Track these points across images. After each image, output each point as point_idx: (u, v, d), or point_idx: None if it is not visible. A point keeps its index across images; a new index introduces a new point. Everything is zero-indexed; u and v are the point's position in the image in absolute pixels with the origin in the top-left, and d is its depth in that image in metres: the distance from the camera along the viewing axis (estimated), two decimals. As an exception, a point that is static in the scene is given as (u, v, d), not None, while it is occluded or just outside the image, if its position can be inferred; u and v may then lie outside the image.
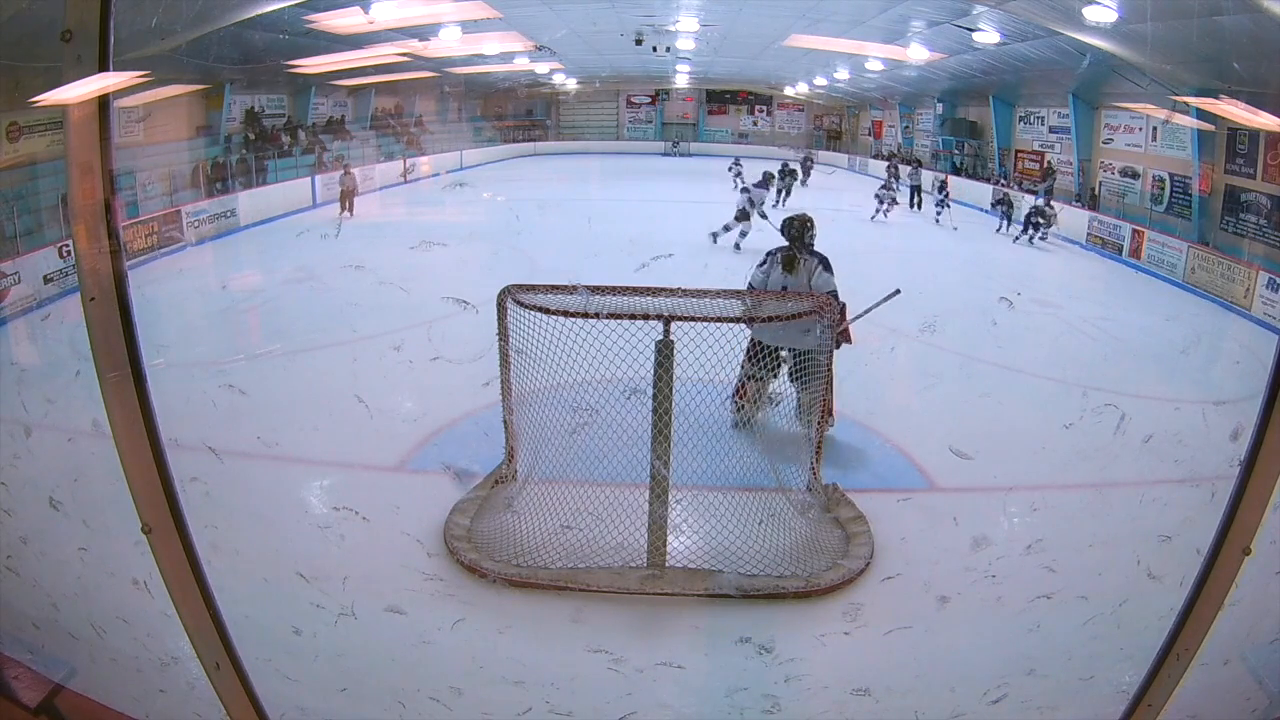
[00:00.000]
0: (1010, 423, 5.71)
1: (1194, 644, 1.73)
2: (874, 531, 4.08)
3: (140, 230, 10.53)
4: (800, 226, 5.10)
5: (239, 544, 3.46)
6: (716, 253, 10.61)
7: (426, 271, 8.56)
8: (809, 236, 5.12)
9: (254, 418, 5.14)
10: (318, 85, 16.18)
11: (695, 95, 23.79)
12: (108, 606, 2.98)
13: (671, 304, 3.89)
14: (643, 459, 3.71)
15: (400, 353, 6.07)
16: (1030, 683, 3.06)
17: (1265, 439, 1.59)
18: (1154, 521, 4.19)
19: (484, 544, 3.90)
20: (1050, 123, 15.91)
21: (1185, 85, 11.36)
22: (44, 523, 3.74)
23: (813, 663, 3.24)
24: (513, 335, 4.05)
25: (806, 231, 5.10)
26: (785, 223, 5.17)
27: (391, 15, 12.07)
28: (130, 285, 1.51)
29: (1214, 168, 11.85)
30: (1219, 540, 1.66)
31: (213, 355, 6.65)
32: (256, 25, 11.33)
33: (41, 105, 8.45)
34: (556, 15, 13.79)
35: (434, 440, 5.08)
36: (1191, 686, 1.81)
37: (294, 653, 3.00)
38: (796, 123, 23.63)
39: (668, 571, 3.72)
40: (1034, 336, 7.95)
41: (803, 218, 5.15)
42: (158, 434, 1.57)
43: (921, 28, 13.13)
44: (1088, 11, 9.78)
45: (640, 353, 3.70)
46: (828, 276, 5.00)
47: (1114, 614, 3.31)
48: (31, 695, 1.90)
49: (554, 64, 20.06)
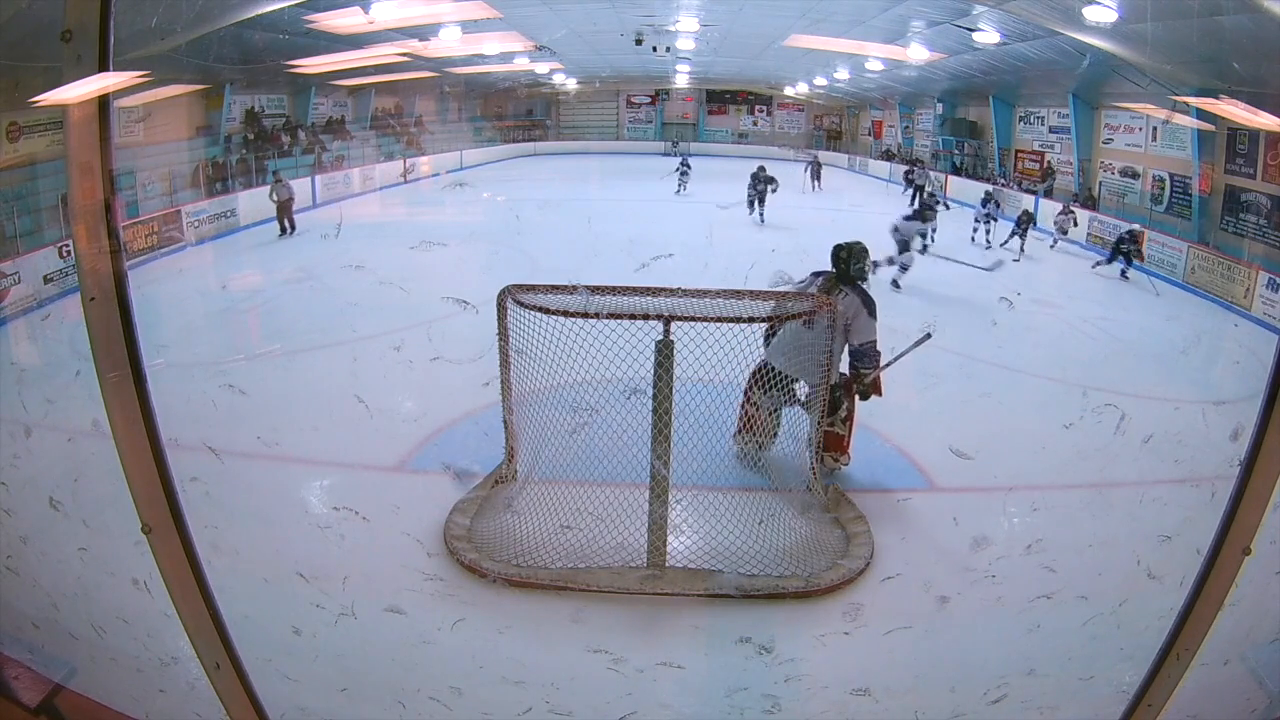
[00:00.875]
0: (1010, 423, 5.71)
1: (1194, 644, 1.73)
2: (874, 531, 4.08)
3: (140, 230, 10.53)
4: (849, 255, 4.57)
5: (239, 544, 3.46)
6: (716, 253, 10.60)
7: (426, 271, 8.56)
8: (856, 268, 4.59)
9: (254, 418, 5.14)
10: (318, 85, 16.18)
11: (695, 95, 23.80)
12: (108, 606, 2.98)
13: (671, 304, 3.89)
14: (643, 459, 3.71)
15: (400, 353, 6.07)
16: (1030, 683, 3.06)
17: (1265, 439, 1.59)
18: (1154, 521, 4.19)
19: (484, 544, 3.90)
20: (1050, 123, 15.90)
21: (1185, 85, 11.36)
22: (44, 523, 3.74)
23: (813, 663, 3.25)
24: (513, 335, 4.05)
25: (855, 262, 4.58)
26: (835, 249, 4.67)
27: (391, 15, 12.06)
28: (130, 285, 1.51)
29: (1214, 168, 11.85)
30: (1219, 540, 1.66)
31: (213, 355, 6.65)
32: (256, 25, 11.33)
33: (41, 105, 8.45)
34: (556, 15, 13.79)
35: (434, 440, 5.08)
36: (1191, 686, 1.81)
37: (294, 653, 3.00)
38: (796, 123, 23.63)
39: (668, 571, 3.73)
40: (1034, 336, 7.95)
41: (853, 246, 4.60)
42: (158, 434, 1.57)
43: (921, 28, 13.12)
44: (1088, 11, 9.78)
45: (640, 353, 3.70)
46: (869, 322, 4.44)
47: (1114, 614, 3.31)
48: (31, 695, 1.89)
49: (554, 64, 20.05)
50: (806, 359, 4.35)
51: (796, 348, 4.41)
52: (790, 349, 4.44)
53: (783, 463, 4.53)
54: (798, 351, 4.38)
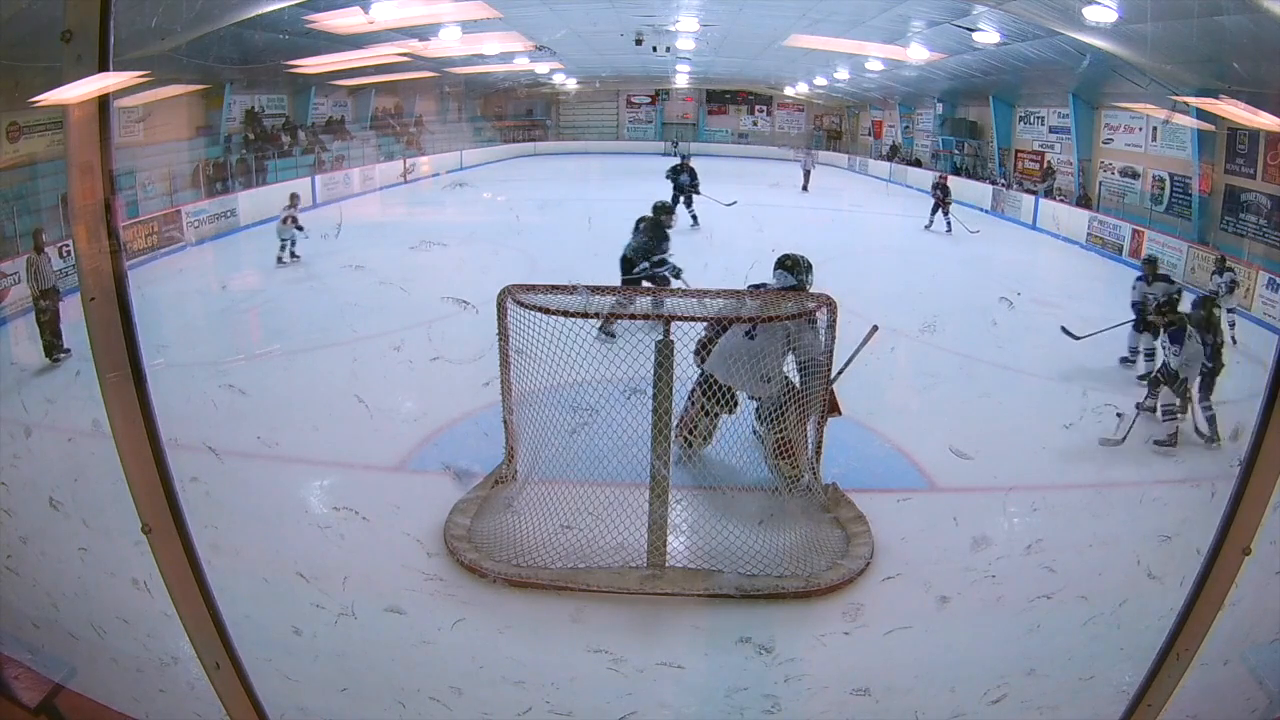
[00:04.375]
0: (1010, 423, 5.71)
1: (1194, 644, 1.73)
2: (874, 531, 4.08)
3: (140, 230, 10.52)
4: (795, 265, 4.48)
5: (239, 544, 3.46)
6: (717, 253, 10.60)
7: (426, 271, 8.55)
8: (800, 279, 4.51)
9: (254, 418, 5.14)
10: (318, 85, 16.16)
11: (695, 95, 23.76)
12: (108, 606, 2.98)
13: (671, 304, 3.90)
14: (643, 459, 3.71)
15: (400, 353, 6.06)
16: (1030, 683, 3.06)
17: (1265, 439, 1.59)
18: (1154, 521, 4.19)
19: (484, 544, 3.90)
20: (1050, 123, 15.90)
21: (1185, 85, 11.35)
22: (44, 523, 3.74)
23: (813, 663, 3.25)
24: (513, 335, 4.05)
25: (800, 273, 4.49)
26: (781, 258, 4.63)
27: (391, 15, 12.04)
28: (130, 285, 1.51)
29: (1214, 168, 11.83)
30: (1219, 540, 1.66)
31: (213, 355, 6.65)
32: (256, 25, 11.32)
33: (41, 105, 8.44)
34: (556, 15, 13.78)
35: (434, 440, 5.08)
36: (1191, 686, 1.81)
37: (294, 653, 3.00)
38: (796, 123, 23.62)
39: (668, 571, 3.73)
40: (1034, 336, 7.94)
41: (799, 258, 4.53)
42: (158, 434, 1.57)
43: (921, 28, 13.11)
44: (1088, 11, 9.77)
45: (640, 353, 3.70)
46: (814, 339, 4.22)
47: (1114, 614, 3.31)
48: (31, 695, 1.89)
49: (554, 64, 20.03)
50: (746, 369, 4.29)
51: (734, 358, 4.34)
52: (730, 359, 4.37)
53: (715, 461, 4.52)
54: (736, 362, 4.32)
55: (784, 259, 4.70)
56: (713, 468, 4.54)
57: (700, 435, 4.52)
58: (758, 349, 4.26)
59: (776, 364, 4.29)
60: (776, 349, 4.27)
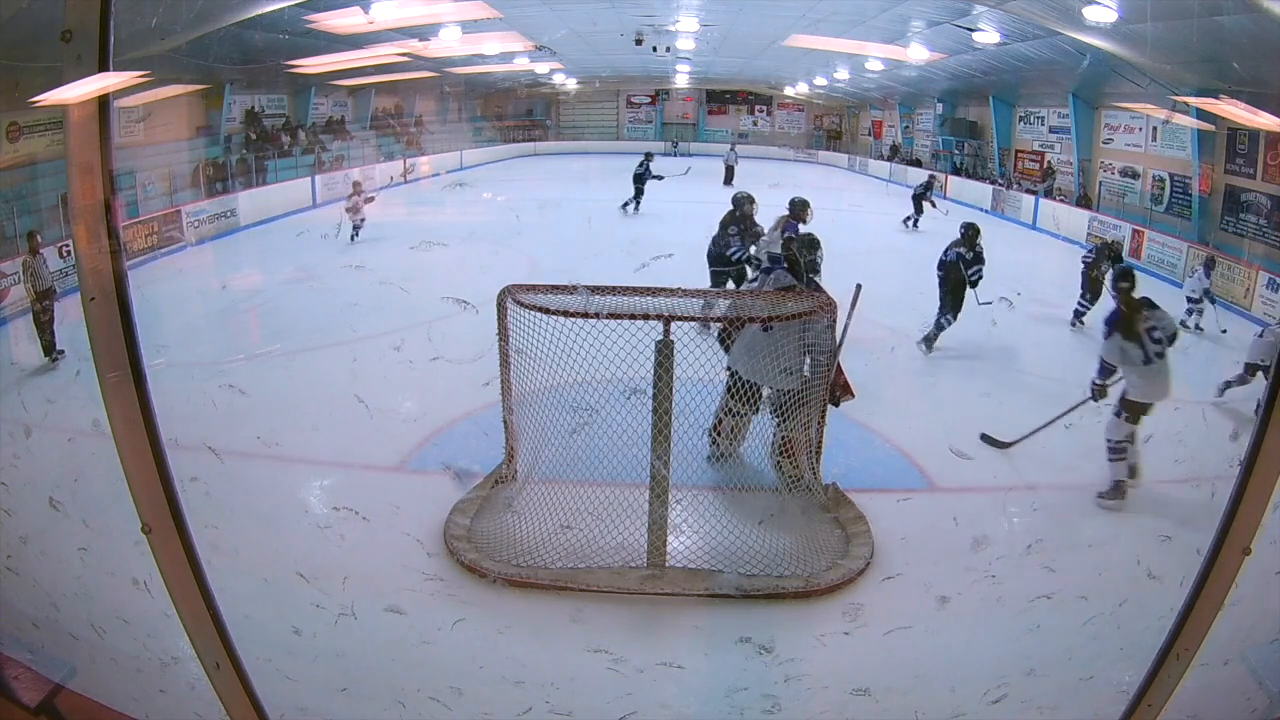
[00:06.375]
0: (1010, 423, 5.70)
1: (1194, 644, 1.73)
2: (874, 531, 4.08)
3: (140, 230, 10.52)
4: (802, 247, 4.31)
5: (239, 544, 3.46)
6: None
7: (426, 271, 8.54)
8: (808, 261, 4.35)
9: (254, 418, 5.14)
10: (318, 85, 16.16)
11: (695, 95, 23.77)
12: (108, 606, 2.98)
13: (671, 304, 3.90)
14: (643, 459, 3.71)
15: (400, 353, 6.06)
16: (1030, 683, 3.06)
17: (1265, 439, 1.59)
18: (1154, 521, 4.19)
19: (484, 544, 3.90)
20: (1050, 123, 15.90)
21: (1185, 85, 11.35)
22: (44, 523, 3.74)
23: (812, 663, 3.25)
24: (513, 335, 4.05)
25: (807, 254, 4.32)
26: (786, 241, 4.50)
27: (391, 15, 12.04)
28: (130, 285, 1.51)
29: (1214, 168, 11.83)
30: (1219, 540, 1.66)
31: (213, 355, 6.65)
32: (256, 25, 11.32)
33: (41, 105, 8.44)
34: (556, 15, 13.78)
35: (434, 440, 5.08)
36: (1191, 686, 1.81)
37: (294, 653, 3.00)
38: (796, 123, 23.63)
39: (668, 571, 3.73)
40: (1034, 336, 7.94)
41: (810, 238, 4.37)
42: (158, 434, 1.57)
43: (921, 28, 13.11)
44: (1088, 11, 9.76)
45: (640, 353, 3.70)
46: (823, 332, 4.18)
47: (1114, 614, 3.31)
48: (31, 695, 1.89)
49: (554, 64, 20.04)
50: (767, 361, 4.26)
51: (754, 351, 4.31)
52: (750, 353, 4.34)
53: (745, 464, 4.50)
54: (756, 355, 4.28)
55: (784, 254, 4.65)
56: (713, 468, 4.55)
57: (728, 436, 4.49)
58: (776, 341, 4.23)
59: (796, 356, 4.25)
60: (792, 340, 4.23)
